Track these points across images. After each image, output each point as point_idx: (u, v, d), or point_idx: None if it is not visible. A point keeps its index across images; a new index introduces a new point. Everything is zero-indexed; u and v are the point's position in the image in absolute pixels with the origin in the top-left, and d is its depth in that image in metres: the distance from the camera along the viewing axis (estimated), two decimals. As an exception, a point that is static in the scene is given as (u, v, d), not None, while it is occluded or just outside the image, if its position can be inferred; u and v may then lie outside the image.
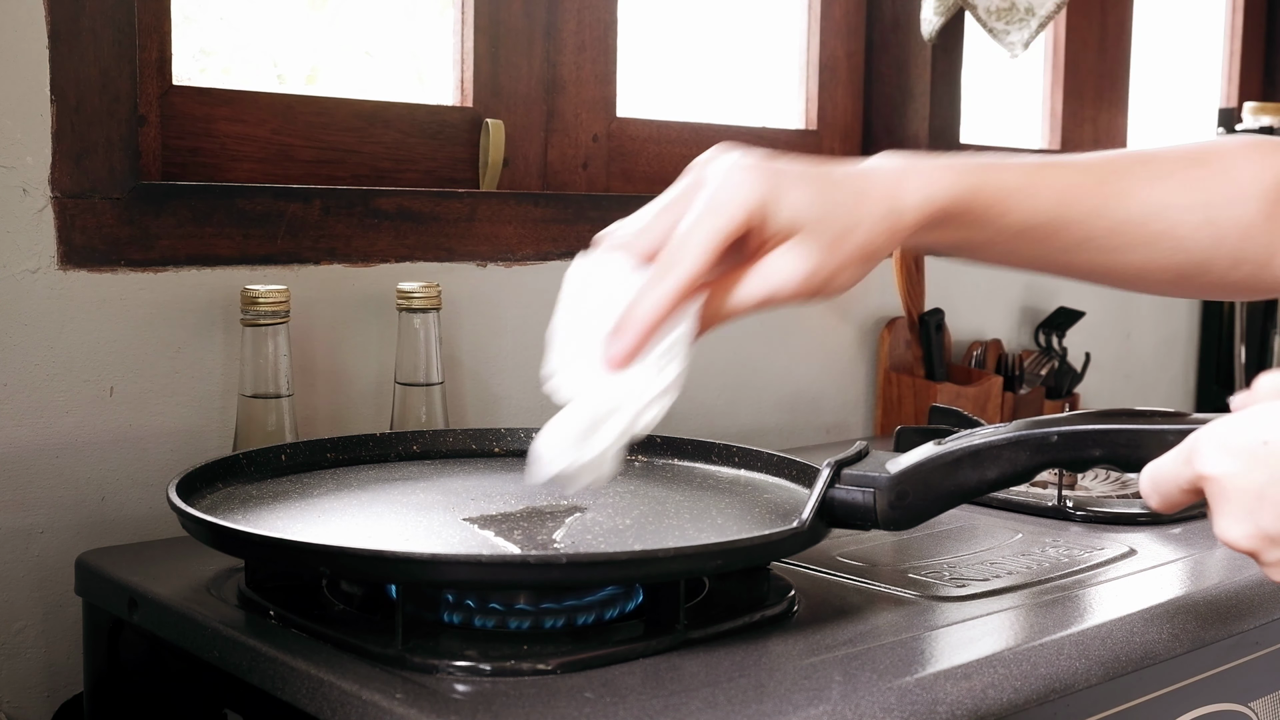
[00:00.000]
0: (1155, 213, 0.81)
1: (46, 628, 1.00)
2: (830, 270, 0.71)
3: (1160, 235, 0.82)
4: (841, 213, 0.71)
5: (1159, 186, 0.82)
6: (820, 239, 0.71)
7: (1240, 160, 0.83)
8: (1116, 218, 0.81)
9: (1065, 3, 1.52)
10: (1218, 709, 0.87)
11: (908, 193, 0.74)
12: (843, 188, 0.72)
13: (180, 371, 1.06)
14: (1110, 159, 0.83)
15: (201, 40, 1.21)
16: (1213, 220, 0.82)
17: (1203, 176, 0.83)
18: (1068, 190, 0.79)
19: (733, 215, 0.69)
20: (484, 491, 0.90)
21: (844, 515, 0.78)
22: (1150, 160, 0.84)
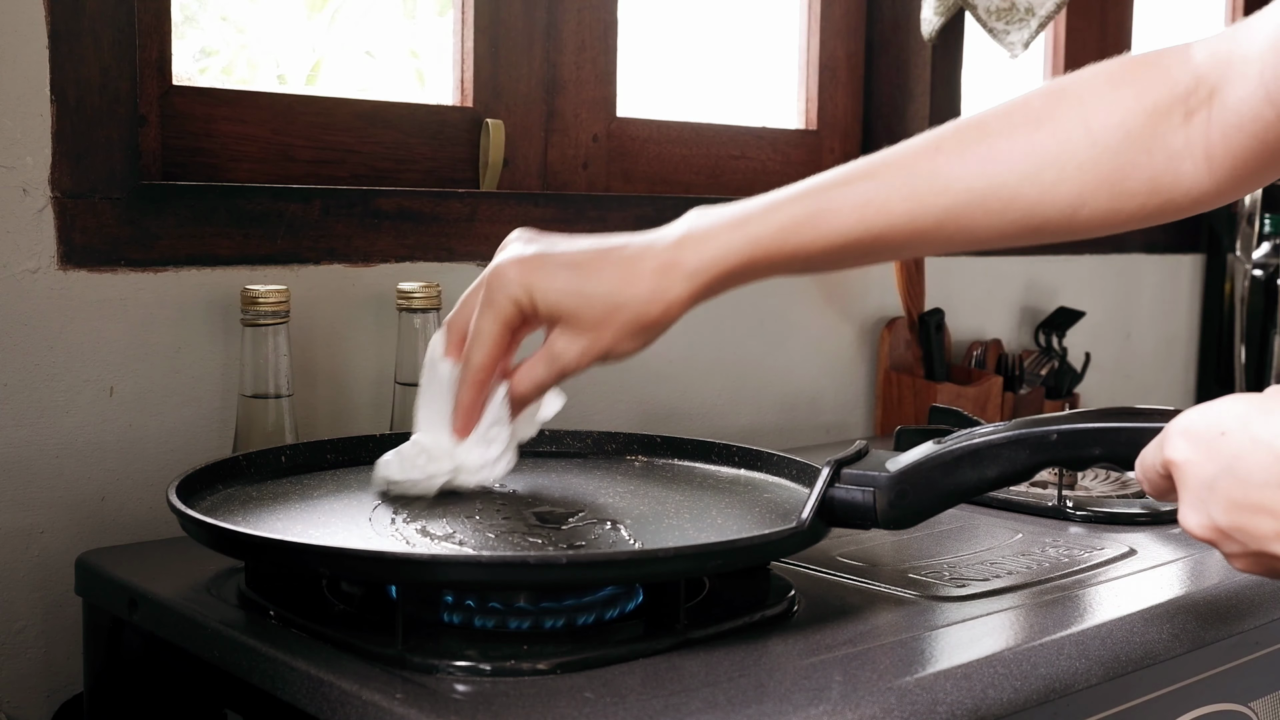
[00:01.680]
0: (988, 191, 0.79)
1: (46, 628, 1.00)
2: (604, 346, 0.80)
3: (1003, 208, 0.79)
4: (601, 298, 0.79)
5: (988, 164, 0.79)
6: (584, 323, 0.79)
7: (1097, 103, 0.80)
8: (938, 210, 0.79)
9: (1065, 3, 1.52)
10: (1218, 709, 0.87)
11: (679, 267, 0.79)
12: (606, 273, 0.79)
13: (180, 371, 1.06)
14: (928, 145, 0.81)
15: (202, 40, 1.21)
16: (1066, 177, 0.79)
17: (1043, 140, 0.79)
18: (869, 203, 0.79)
19: (501, 310, 0.80)
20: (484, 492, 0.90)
21: (844, 515, 0.78)
22: (978, 132, 0.80)
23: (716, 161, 1.50)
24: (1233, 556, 0.64)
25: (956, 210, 0.79)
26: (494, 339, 0.80)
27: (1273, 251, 1.90)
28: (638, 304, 0.78)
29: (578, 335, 0.79)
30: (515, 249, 0.81)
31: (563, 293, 0.78)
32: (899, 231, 0.79)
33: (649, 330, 0.80)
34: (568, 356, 0.80)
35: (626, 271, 0.78)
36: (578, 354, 0.80)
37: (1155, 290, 1.98)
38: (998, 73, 1.81)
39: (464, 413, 0.83)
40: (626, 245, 0.80)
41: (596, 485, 0.92)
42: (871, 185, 0.79)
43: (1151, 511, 1.06)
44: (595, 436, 1.03)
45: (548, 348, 0.81)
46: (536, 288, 0.79)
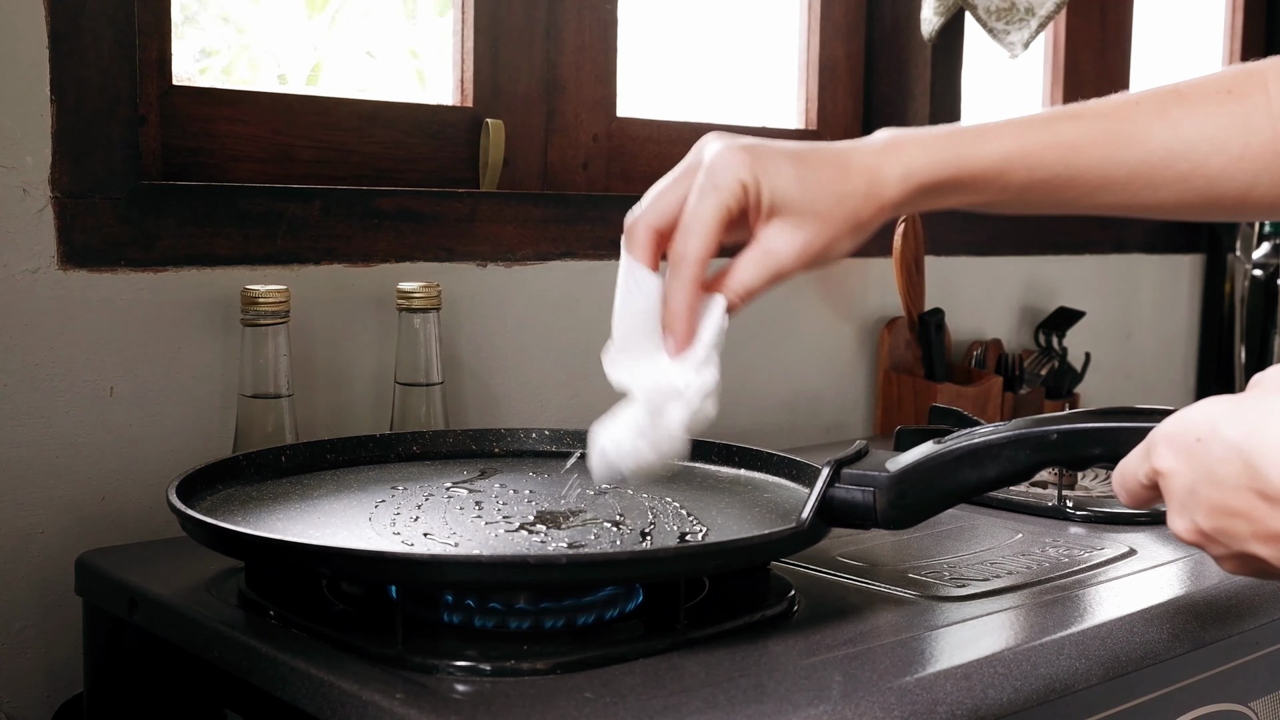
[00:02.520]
0: (1178, 154, 0.81)
1: (46, 628, 1.00)
2: (823, 242, 0.76)
3: (1188, 174, 0.81)
4: (824, 188, 0.75)
5: (1181, 126, 0.81)
6: (807, 214, 0.75)
7: (1275, 86, 0.82)
8: (1132, 162, 0.81)
9: (1065, 3, 1.52)
10: (1218, 709, 0.87)
11: (888, 169, 0.77)
12: (825, 165, 0.76)
13: (180, 371, 1.06)
14: (1129, 101, 0.83)
15: (202, 40, 1.21)
16: (1249, 154, 0.81)
17: (1232, 112, 0.81)
18: (1072, 145, 0.80)
19: (726, 194, 0.74)
20: (484, 491, 0.90)
21: (844, 514, 0.78)
22: (1174, 97, 0.82)
23: (716, 161, 1.50)
24: (1221, 559, 0.64)
25: (1148, 166, 0.81)
26: (715, 226, 0.74)
27: (1273, 251, 1.90)
28: (857, 197, 0.76)
29: (798, 228, 0.75)
30: (726, 141, 0.76)
31: (789, 179, 0.75)
32: (1093, 176, 0.81)
33: (863, 228, 0.77)
34: (786, 253, 0.76)
35: (843, 167, 0.77)
36: (798, 249, 0.76)
37: (1155, 290, 1.98)
38: (998, 73, 1.81)
39: (683, 320, 0.75)
40: (837, 145, 0.78)
41: (596, 485, 0.92)
42: (1075, 126, 0.81)
43: (1151, 511, 1.06)
44: (595, 436, 1.03)
45: (761, 246, 0.76)
46: (765, 173, 0.75)
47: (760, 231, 0.76)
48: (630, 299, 0.75)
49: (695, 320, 0.74)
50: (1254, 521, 0.60)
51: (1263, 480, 0.59)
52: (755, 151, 0.75)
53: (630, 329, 0.76)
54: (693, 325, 0.75)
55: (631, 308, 0.75)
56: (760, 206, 0.75)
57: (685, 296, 0.74)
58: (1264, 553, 0.61)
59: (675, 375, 0.74)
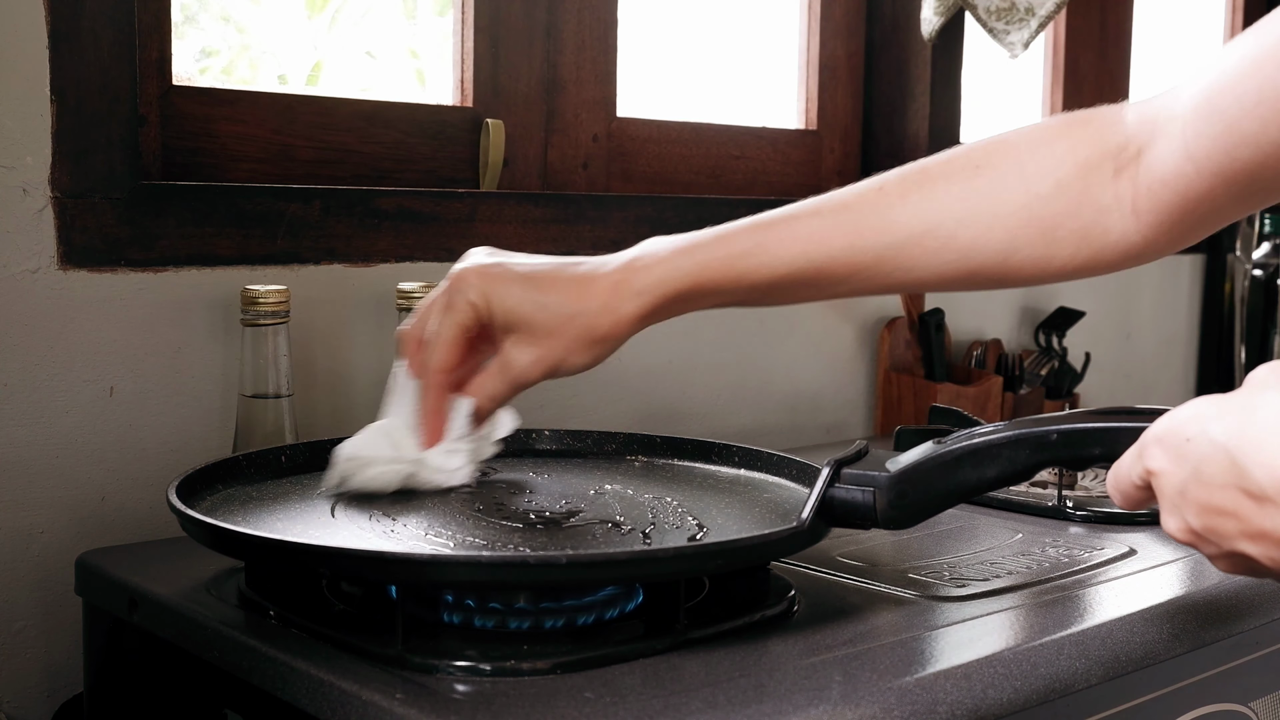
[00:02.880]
0: (925, 231, 0.83)
1: (46, 628, 1.00)
2: (555, 358, 0.83)
3: (938, 249, 0.84)
4: (555, 309, 0.82)
5: (924, 205, 0.84)
6: (539, 332, 0.82)
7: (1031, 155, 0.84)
8: (877, 248, 0.83)
9: (1065, 3, 1.52)
10: (1218, 709, 0.87)
11: (626, 286, 0.82)
12: (561, 286, 0.82)
13: (180, 371, 1.06)
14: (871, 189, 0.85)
15: (202, 40, 1.21)
16: (1000, 222, 0.83)
17: (977, 187, 0.84)
18: (810, 238, 0.83)
19: (459, 314, 0.82)
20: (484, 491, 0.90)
21: (844, 514, 0.78)
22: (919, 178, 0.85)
23: (716, 161, 1.50)
24: (1213, 559, 0.65)
25: (895, 248, 0.84)
26: (451, 343, 0.83)
27: (1273, 251, 1.90)
28: (589, 316, 0.82)
29: (531, 344, 0.82)
30: (476, 259, 0.84)
31: (519, 300, 0.82)
32: (839, 265, 0.84)
33: (599, 344, 0.83)
34: (520, 365, 0.83)
35: (580, 286, 0.82)
36: (530, 362, 0.83)
37: (1155, 290, 1.98)
38: (998, 73, 1.81)
39: (429, 420, 0.85)
40: (581, 263, 0.84)
41: (596, 485, 0.92)
42: (816, 221, 0.84)
43: (1151, 511, 1.06)
44: (595, 436, 1.03)
45: (500, 359, 0.84)
46: (494, 294, 0.82)
47: (501, 345, 0.84)
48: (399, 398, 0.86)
49: (442, 419, 0.85)
50: (1242, 520, 0.61)
51: (1248, 479, 0.59)
52: (491, 274, 0.83)
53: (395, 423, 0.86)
54: (440, 424, 0.85)
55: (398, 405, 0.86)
56: (494, 324, 0.83)
57: (431, 402, 0.84)
58: (1253, 551, 0.61)
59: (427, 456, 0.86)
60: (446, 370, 0.84)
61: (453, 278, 0.84)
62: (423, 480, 0.86)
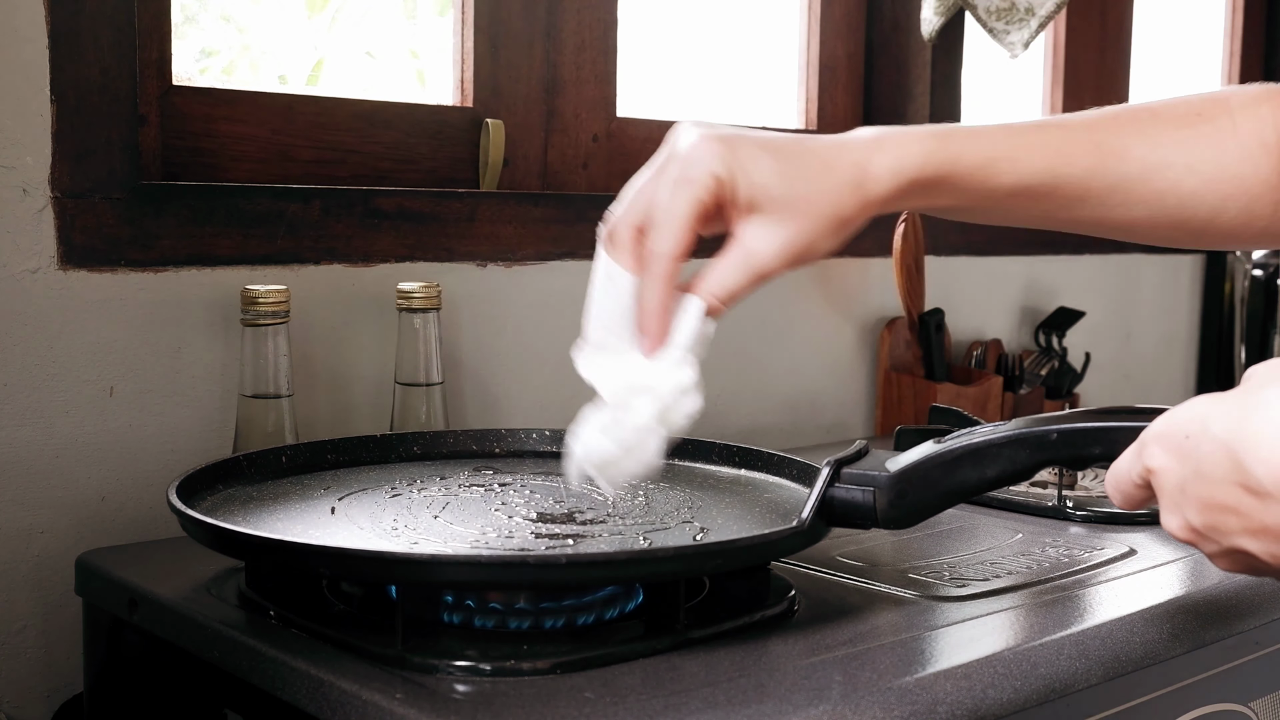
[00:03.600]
0: (1155, 170, 0.82)
1: (46, 628, 1.00)
2: (805, 242, 0.73)
3: (1163, 192, 0.82)
4: (806, 183, 0.72)
5: (1159, 143, 0.82)
6: (787, 210, 0.72)
7: (1243, 113, 0.84)
8: (1114, 176, 0.81)
9: (1065, 3, 1.52)
10: (1218, 709, 0.87)
11: (876, 163, 0.74)
12: (808, 159, 0.73)
13: (180, 371, 1.06)
14: (1108, 116, 0.83)
15: (203, 41, 1.21)
16: (1217, 177, 0.83)
17: (1204, 133, 0.83)
18: (1059, 151, 0.80)
19: (699, 187, 0.71)
20: (483, 492, 0.90)
21: (844, 514, 0.78)
22: (1150, 115, 0.84)
23: (716, 161, 1.50)
24: (1214, 556, 0.65)
25: (1129, 180, 0.82)
26: (688, 222, 0.71)
27: (1273, 251, 1.90)
28: (842, 192, 0.73)
29: (779, 226, 0.72)
30: (702, 130, 0.73)
31: (769, 172, 0.71)
32: (1077, 186, 0.81)
33: (847, 225, 0.74)
34: (767, 252, 0.72)
35: (827, 160, 0.73)
36: (779, 249, 0.72)
37: (1155, 290, 1.98)
38: (998, 73, 1.81)
39: (656, 318, 0.72)
40: (821, 138, 0.75)
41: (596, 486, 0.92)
42: (1065, 135, 0.81)
43: (1151, 511, 1.06)
44: (595, 436, 1.03)
45: (741, 245, 0.73)
46: (741, 165, 0.71)
47: (738, 229, 0.73)
48: (606, 297, 0.73)
49: (669, 319, 0.72)
50: (1242, 516, 0.61)
51: (1248, 475, 0.59)
52: (731, 142, 0.72)
53: (604, 327, 0.74)
54: (666, 324, 0.72)
55: (607, 305, 0.73)
56: (737, 201, 0.72)
57: (658, 295, 0.72)
58: (1254, 547, 0.61)
59: (646, 373, 0.72)
60: (681, 256, 0.71)
61: (688, 148, 0.72)
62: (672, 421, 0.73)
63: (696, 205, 0.71)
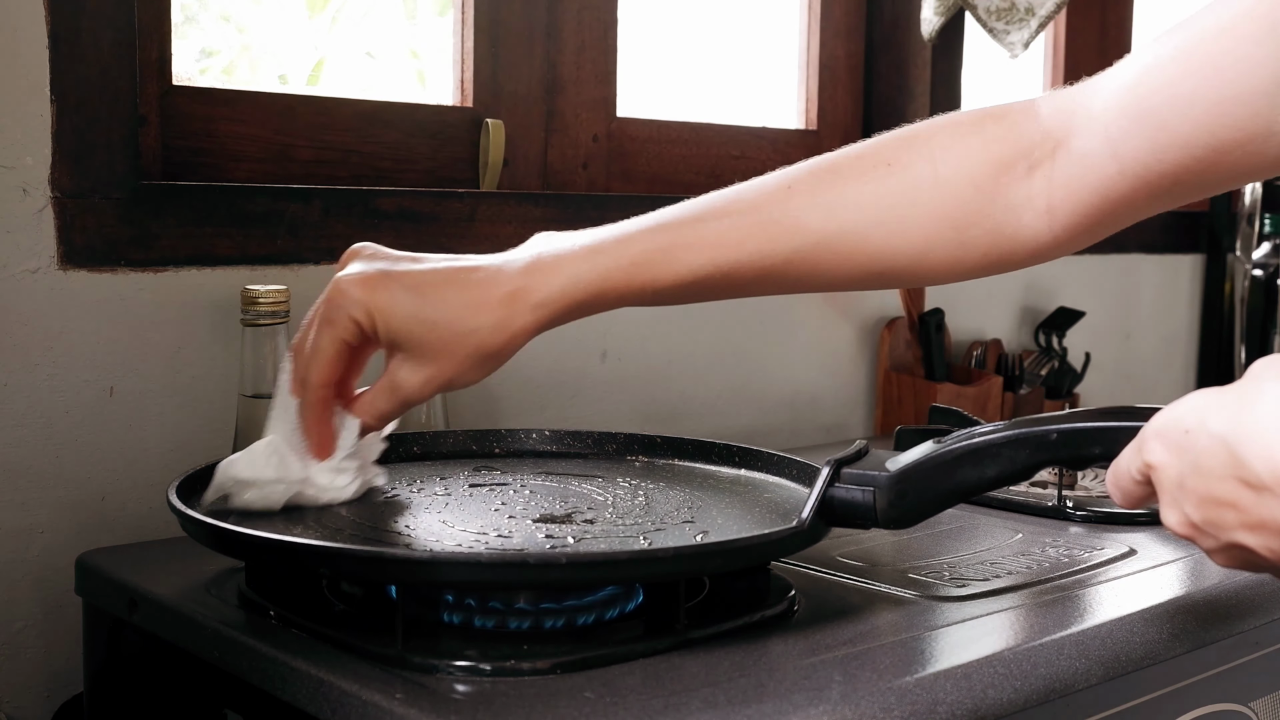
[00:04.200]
0: (836, 234, 0.80)
1: (46, 628, 1.00)
2: (446, 377, 0.78)
3: (851, 252, 0.81)
4: (446, 329, 0.76)
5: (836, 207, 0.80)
6: (427, 352, 0.77)
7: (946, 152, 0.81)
8: (788, 251, 0.80)
9: (1065, 3, 1.52)
10: (1218, 709, 0.87)
11: (523, 297, 0.77)
12: (453, 301, 0.76)
13: (180, 371, 1.06)
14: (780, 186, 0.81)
15: (204, 41, 1.21)
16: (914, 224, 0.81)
17: (893, 185, 0.81)
18: (718, 242, 0.79)
19: (340, 329, 0.77)
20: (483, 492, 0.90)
21: (844, 514, 0.78)
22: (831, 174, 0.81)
23: (716, 161, 1.50)
24: (1212, 553, 0.65)
25: (805, 251, 0.80)
26: (332, 358, 0.78)
27: (1273, 251, 1.90)
28: (482, 333, 0.77)
29: (420, 364, 0.78)
30: (358, 266, 0.78)
31: (406, 318, 0.76)
32: (748, 270, 0.80)
33: (493, 359, 0.78)
34: (410, 386, 0.78)
35: (472, 300, 0.77)
36: (420, 383, 0.78)
37: (1155, 290, 1.98)
38: (998, 73, 1.81)
39: (314, 437, 0.80)
40: (474, 269, 0.78)
41: (597, 485, 0.92)
42: (724, 224, 0.80)
43: (1151, 511, 1.06)
44: (595, 436, 1.03)
45: (389, 377, 0.79)
46: (379, 309, 0.76)
47: (389, 361, 0.79)
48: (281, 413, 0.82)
49: (325, 432, 0.80)
50: (1241, 510, 0.61)
51: (1245, 468, 0.60)
52: (376, 284, 0.77)
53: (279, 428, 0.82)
54: (324, 441, 0.80)
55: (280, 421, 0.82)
56: (379, 340, 0.77)
57: (312, 418, 0.79)
58: (1252, 542, 0.61)
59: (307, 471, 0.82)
60: (327, 385, 0.79)
61: (332, 288, 0.78)
62: (309, 499, 0.82)
63: (339, 344, 0.77)
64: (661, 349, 1.36)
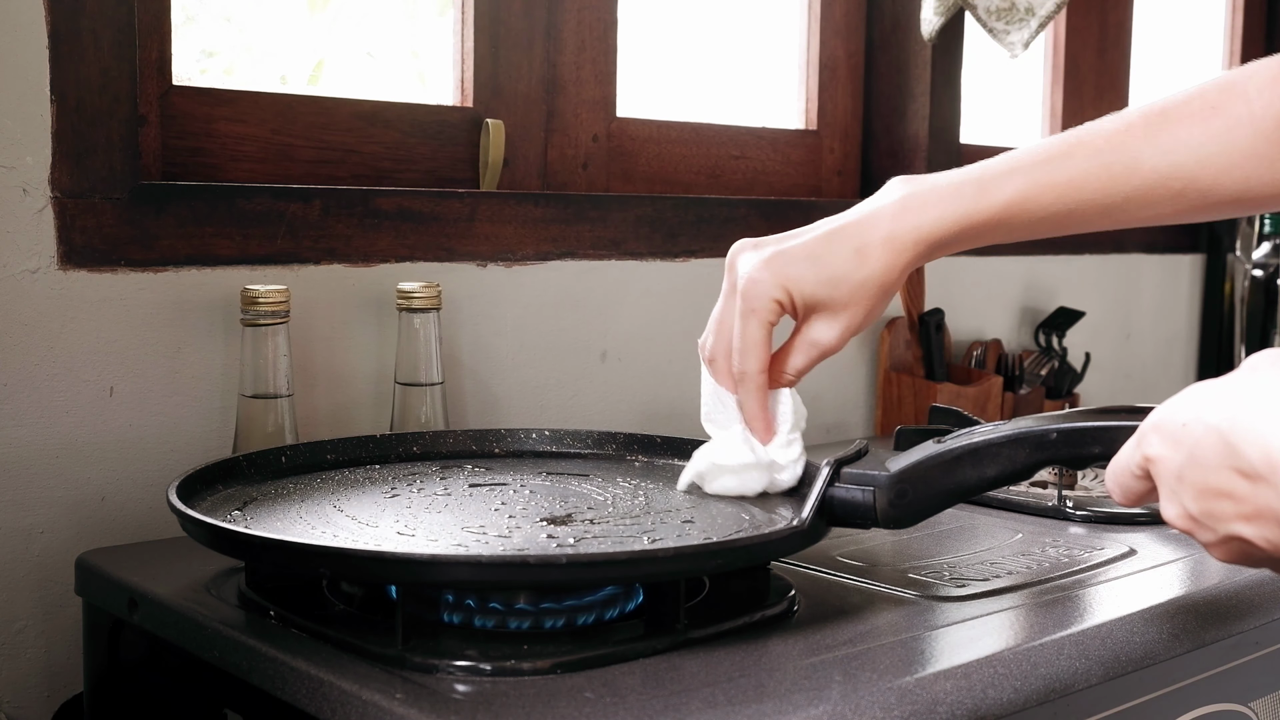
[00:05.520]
0: (1170, 174, 0.85)
1: (46, 628, 1.00)
2: (859, 321, 0.86)
3: (1183, 189, 0.86)
4: (845, 280, 0.84)
5: (1171, 147, 0.86)
6: (838, 306, 0.85)
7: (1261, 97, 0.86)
8: (1128, 189, 0.86)
9: (1065, 3, 1.52)
10: (1218, 709, 0.87)
11: (901, 237, 0.85)
12: (842, 255, 0.84)
13: (180, 371, 1.06)
14: (1120, 128, 0.87)
15: (204, 41, 1.21)
16: (1235, 163, 0.85)
17: (1215, 128, 0.86)
18: (1070, 182, 0.85)
19: (764, 313, 0.84)
20: (484, 492, 0.90)
21: (844, 514, 0.78)
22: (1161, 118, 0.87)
23: (716, 161, 1.50)
24: (1210, 546, 0.65)
25: (1144, 190, 0.86)
26: (764, 343, 0.85)
27: (1273, 251, 1.90)
28: (878, 276, 0.84)
29: (834, 317, 0.85)
30: (752, 255, 0.85)
31: (815, 282, 0.84)
32: (1091, 208, 0.86)
33: (889, 294, 0.86)
34: (828, 338, 0.86)
35: (859, 251, 0.84)
36: (838, 334, 0.86)
37: (1155, 290, 1.98)
38: (998, 73, 1.81)
39: (758, 420, 0.86)
40: (849, 224, 0.85)
41: (597, 485, 0.92)
42: (1073, 166, 0.85)
43: (1151, 511, 1.06)
44: (595, 436, 1.03)
45: (806, 336, 0.86)
46: (791, 283, 0.84)
47: (802, 324, 0.86)
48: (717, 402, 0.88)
49: (770, 416, 0.86)
50: (1238, 501, 0.61)
51: (1240, 458, 0.60)
52: (778, 262, 0.84)
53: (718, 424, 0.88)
54: (768, 421, 0.86)
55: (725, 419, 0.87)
56: (796, 311, 0.85)
57: (754, 403, 0.86)
58: (1249, 533, 0.61)
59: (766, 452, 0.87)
60: (764, 370, 0.85)
61: (746, 280, 0.84)
62: (778, 484, 0.87)
63: (765, 329, 0.85)
64: (661, 349, 1.36)
